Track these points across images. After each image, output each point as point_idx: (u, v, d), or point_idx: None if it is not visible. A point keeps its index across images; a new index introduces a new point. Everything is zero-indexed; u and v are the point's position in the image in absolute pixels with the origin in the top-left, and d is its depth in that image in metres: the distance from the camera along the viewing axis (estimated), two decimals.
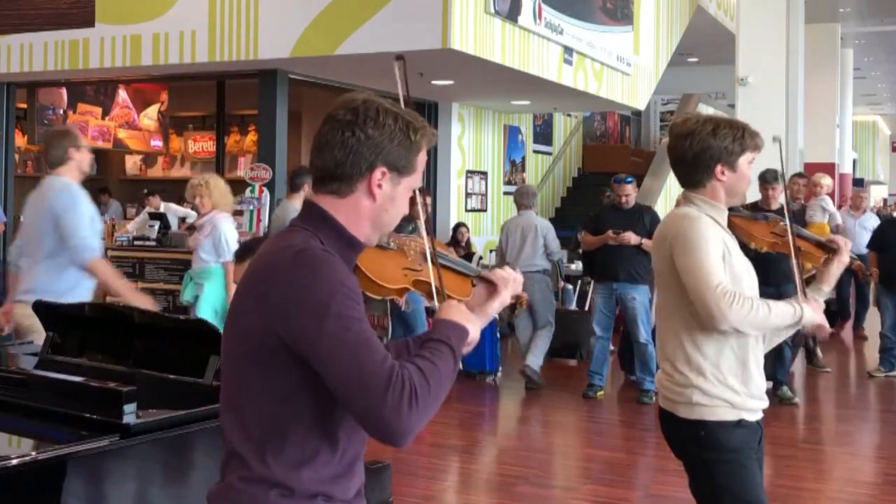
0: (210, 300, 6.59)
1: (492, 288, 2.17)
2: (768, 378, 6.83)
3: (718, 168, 2.80)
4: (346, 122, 1.82)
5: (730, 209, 2.95)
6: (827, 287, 2.99)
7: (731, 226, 2.96)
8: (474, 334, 1.88)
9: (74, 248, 4.71)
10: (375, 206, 1.86)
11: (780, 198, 7.48)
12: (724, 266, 2.73)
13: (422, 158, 1.90)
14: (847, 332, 11.25)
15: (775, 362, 7.20)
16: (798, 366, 9.27)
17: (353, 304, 1.72)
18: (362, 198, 1.85)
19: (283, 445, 1.77)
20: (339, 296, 1.71)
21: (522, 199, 8.41)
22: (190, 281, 6.86)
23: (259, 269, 1.80)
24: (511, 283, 2.17)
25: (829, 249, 3.05)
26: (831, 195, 10.89)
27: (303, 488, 1.78)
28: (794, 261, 3.00)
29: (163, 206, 11.86)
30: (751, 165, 2.86)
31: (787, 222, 3.06)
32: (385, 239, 2.08)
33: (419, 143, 1.87)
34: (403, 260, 2.11)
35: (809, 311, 2.80)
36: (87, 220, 4.79)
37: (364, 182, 1.84)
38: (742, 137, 2.82)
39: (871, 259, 9.15)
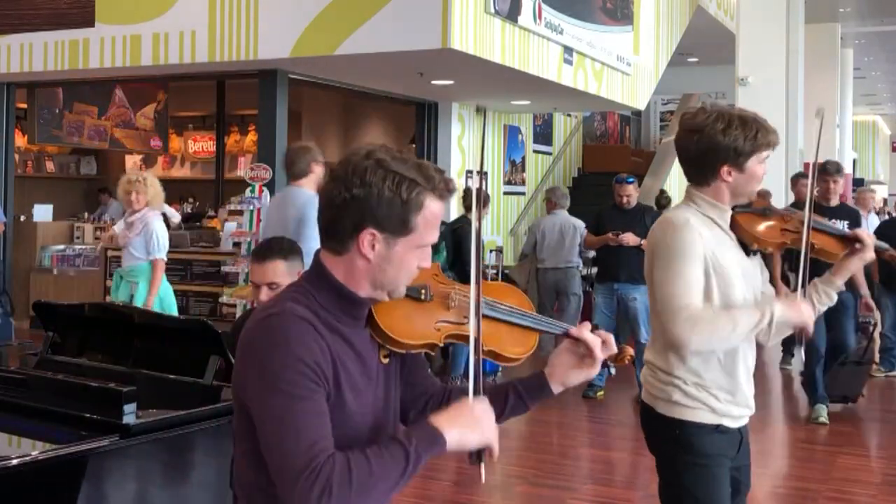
0: (144, 298, 6.62)
1: (581, 350, 1.99)
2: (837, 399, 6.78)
3: (724, 169, 2.66)
4: (338, 179, 1.78)
5: (736, 206, 2.78)
6: (839, 280, 2.83)
7: (734, 225, 2.78)
8: (462, 442, 1.76)
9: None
10: (371, 266, 1.79)
11: (839, 191, 6.88)
12: (707, 278, 2.62)
13: (427, 216, 1.79)
14: None
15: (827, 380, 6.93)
16: (798, 365, 9.27)
17: (303, 381, 1.69)
18: (356, 258, 1.80)
19: (259, 495, 1.80)
20: (289, 371, 1.69)
21: (559, 199, 8.97)
22: (121, 279, 6.88)
23: (245, 329, 1.81)
24: (604, 349, 2.00)
25: (850, 243, 2.86)
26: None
27: None
28: (802, 257, 2.81)
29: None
30: (765, 163, 2.71)
31: (807, 217, 2.82)
32: (422, 289, 1.91)
33: (416, 200, 1.76)
34: (441, 312, 1.91)
35: (780, 309, 2.64)
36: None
37: (354, 242, 1.78)
38: (754, 137, 2.65)
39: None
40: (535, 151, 14.39)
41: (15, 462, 2.44)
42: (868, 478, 5.88)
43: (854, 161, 28.51)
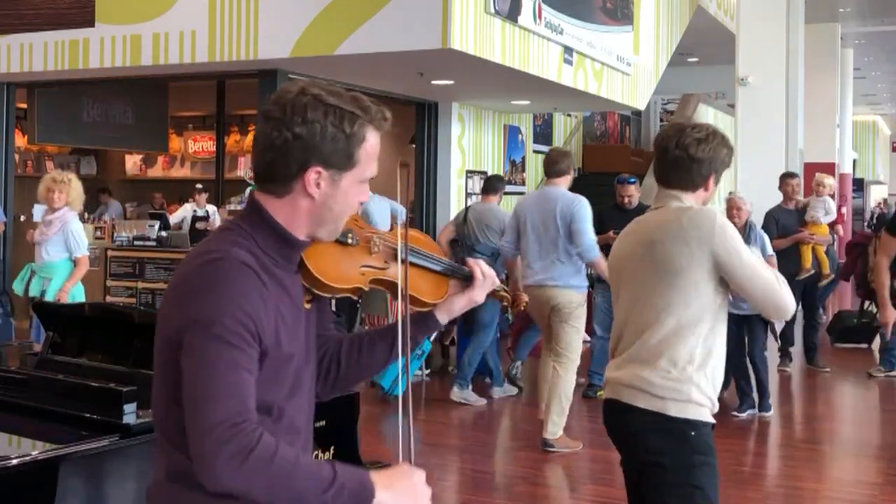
0: (56, 292, 6.82)
1: (465, 283, 2.04)
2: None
3: (713, 178, 2.94)
4: (275, 120, 1.73)
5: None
6: None
7: None
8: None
9: (584, 248, 6.15)
10: (315, 204, 1.76)
11: None
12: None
13: (368, 149, 1.77)
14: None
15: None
16: (798, 366, 9.27)
17: (240, 331, 1.63)
18: (300, 198, 1.76)
19: (183, 439, 1.69)
20: (227, 318, 1.63)
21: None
22: (31, 273, 7.03)
23: (176, 275, 1.76)
24: (489, 280, 2.05)
25: None
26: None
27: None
28: None
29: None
30: None
31: None
32: (349, 233, 1.90)
33: (358, 134, 1.74)
34: (365, 257, 1.91)
35: None
36: (591, 227, 6.28)
37: (298, 182, 1.74)
38: (731, 156, 2.99)
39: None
40: (535, 151, 14.39)
41: (15, 462, 2.44)
42: (868, 478, 5.88)
43: (854, 161, 28.51)
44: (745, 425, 6.96)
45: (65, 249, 6.89)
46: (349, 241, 1.89)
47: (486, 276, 2.03)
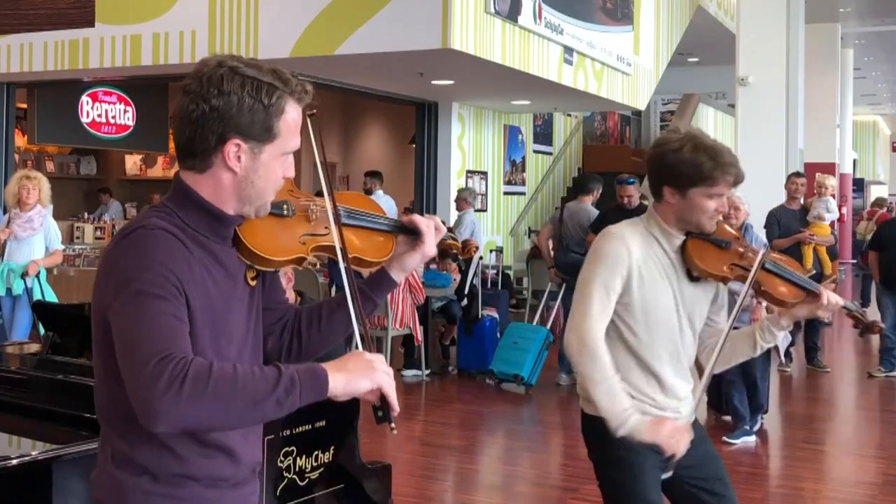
0: (40, 289, 7.04)
1: (414, 238, 2.01)
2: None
3: (666, 189, 2.67)
4: (192, 93, 1.71)
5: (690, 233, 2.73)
6: (785, 322, 2.80)
7: (682, 249, 2.75)
8: (350, 387, 1.67)
9: None
10: (237, 178, 1.73)
11: None
12: (627, 291, 2.68)
13: (288, 121, 1.76)
14: (846, 333, 11.25)
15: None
16: (798, 366, 9.28)
17: (162, 283, 1.61)
18: (221, 172, 1.73)
19: (134, 428, 1.65)
20: (148, 273, 1.61)
21: (470, 198, 10.13)
22: (8, 272, 7.10)
23: (110, 245, 1.74)
24: (435, 231, 2.02)
25: (810, 295, 2.78)
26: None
27: (163, 470, 1.70)
28: (744, 290, 2.77)
29: None
30: (714, 199, 2.64)
31: (758, 260, 2.76)
32: (284, 204, 1.86)
33: (277, 105, 1.74)
34: (304, 226, 1.89)
35: (633, 422, 2.64)
36: None
37: (218, 156, 1.72)
38: (710, 169, 2.61)
39: (872, 259, 9.15)
40: (535, 151, 14.39)
41: (15, 462, 2.44)
42: (868, 478, 5.88)
43: (854, 161, 28.51)
44: None
45: (46, 245, 7.17)
46: (285, 212, 1.87)
47: (429, 227, 2.01)
